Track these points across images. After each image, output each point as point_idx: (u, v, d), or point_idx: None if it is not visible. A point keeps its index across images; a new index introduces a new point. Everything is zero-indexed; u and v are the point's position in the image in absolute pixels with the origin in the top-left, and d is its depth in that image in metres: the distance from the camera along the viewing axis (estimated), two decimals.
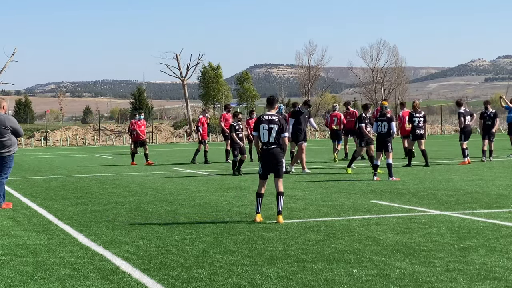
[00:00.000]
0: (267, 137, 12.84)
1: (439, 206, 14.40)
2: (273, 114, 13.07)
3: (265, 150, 12.88)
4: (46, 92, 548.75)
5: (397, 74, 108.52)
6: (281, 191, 12.75)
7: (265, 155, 12.88)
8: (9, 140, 15.89)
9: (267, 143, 12.84)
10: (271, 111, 13.15)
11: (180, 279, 8.28)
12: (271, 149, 12.83)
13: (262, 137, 12.88)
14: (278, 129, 12.82)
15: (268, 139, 12.83)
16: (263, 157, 12.91)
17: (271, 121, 12.88)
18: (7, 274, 8.74)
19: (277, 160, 12.81)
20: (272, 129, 12.82)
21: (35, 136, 74.53)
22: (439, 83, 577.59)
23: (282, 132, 12.87)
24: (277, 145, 12.84)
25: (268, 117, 12.96)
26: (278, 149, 12.85)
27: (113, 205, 15.79)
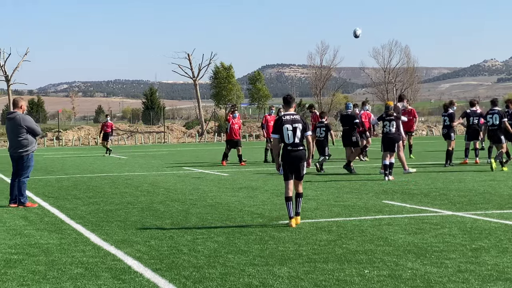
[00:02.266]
0: (292, 137, 12.32)
1: (451, 207, 14.37)
2: (294, 113, 12.59)
3: (290, 151, 12.35)
4: (58, 92, 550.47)
5: (409, 74, 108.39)
6: (300, 192, 12.48)
7: (290, 156, 12.35)
8: (26, 140, 15.98)
9: (293, 144, 12.33)
10: (289, 111, 12.63)
11: (191, 279, 8.29)
12: (297, 151, 12.35)
13: (286, 138, 12.35)
14: (302, 128, 12.39)
15: (294, 140, 12.33)
16: (287, 159, 12.36)
17: (295, 121, 12.40)
18: (20, 273, 8.77)
19: (300, 162, 12.38)
20: (297, 128, 12.35)
21: (48, 135, 74.75)
22: (451, 83, 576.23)
23: (306, 131, 12.46)
24: (303, 146, 12.43)
25: (290, 116, 12.46)
26: (304, 151, 12.43)
27: (125, 205, 15.82)
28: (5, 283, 8.28)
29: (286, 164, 12.40)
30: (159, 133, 78.69)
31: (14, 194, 16.08)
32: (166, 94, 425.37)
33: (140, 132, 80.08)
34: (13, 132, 16.05)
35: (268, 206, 15.11)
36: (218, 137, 75.85)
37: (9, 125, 16.19)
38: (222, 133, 76.89)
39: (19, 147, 16.01)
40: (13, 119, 16.03)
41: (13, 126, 16.02)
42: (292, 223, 12.19)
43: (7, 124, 16.40)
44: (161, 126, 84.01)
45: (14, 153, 16.14)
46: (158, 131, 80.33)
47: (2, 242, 11.18)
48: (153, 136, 77.48)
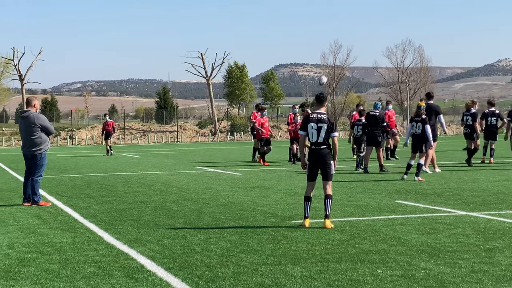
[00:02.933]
0: (315, 136, 12.28)
1: (465, 207, 14.32)
2: (322, 112, 12.46)
3: (313, 150, 12.34)
4: (72, 91, 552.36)
5: (422, 74, 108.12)
6: (329, 194, 12.30)
7: (313, 155, 12.34)
8: (39, 138, 16.03)
9: (316, 143, 12.30)
10: (320, 109, 12.53)
11: (204, 278, 8.29)
12: (319, 150, 12.30)
13: (310, 136, 12.34)
14: (327, 128, 12.27)
15: (317, 139, 12.29)
16: (311, 158, 12.37)
17: (320, 120, 12.30)
18: (33, 272, 8.80)
19: (325, 162, 12.29)
20: (321, 128, 12.25)
21: (61, 134, 75.00)
22: (465, 83, 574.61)
23: (332, 132, 12.32)
24: (326, 145, 12.32)
25: (317, 115, 12.37)
26: (327, 150, 12.32)
27: (138, 204, 15.85)
28: (18, 281, 8.31)
29: (311, 163, 12.40)
30: (172, 133, 78.80)
31: (28, 193, 16.13)
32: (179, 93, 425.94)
33: (153, 132, 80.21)
34: (26, 130, 16.10)
35: (281, 205, 15.10)
36: (231, 137, 75.88)
37: (22, 123, 16.24)
38: (235, 133, 77.00)
39: (33, 145, 16.06)
40: (27, 117, 16.08)
41: (26, 125, 16.07)
42: (305, 223, 12.11)
43: (20, 122, 16.45)
44: (174, 126, 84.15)
45: (28, 151, 16.19)
46: (171, 131, 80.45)
47: (16, 240, 11.22)
48: (166, 135, 77.59)
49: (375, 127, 24.33)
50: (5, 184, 22.11)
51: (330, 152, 12.35)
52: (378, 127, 24.30)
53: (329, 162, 12.29)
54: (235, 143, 68.10)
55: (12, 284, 8.19)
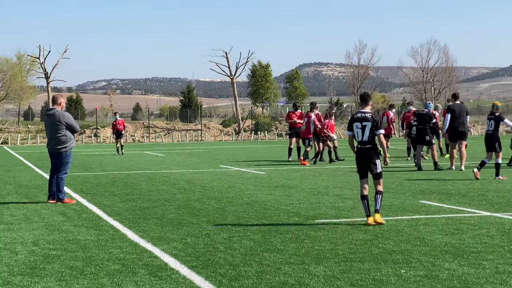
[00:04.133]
0: (361, 135, 12.47)
1: (489, 208, 14.24)
2: (367, 111, 12.61)
3: (360, 149, 12.52)
4: (96, 89, 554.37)
5: (447, 73, 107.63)
6: (380, 190, 12.42)
7: (360, 154, 12.51)
8: (65, 136, 16.14)
9: (362, 141, 12.48)
10: (365, 109, 12.70)
11: (227, 277, 8.31)
12: (365, 149, 12.45)
13: (356, 135, 12.55)
14: (372, 126, 12.42)
15: (362, 138, 12.47)
16: (357, 156, 12.55)
17: (365, 119, 12.45)
18: (58, 269, 8.86)
19: (371, 161, 12.42)
20: (366, 127, 12.42)
21: (86, 132, 75.37)
22: (491, 83, 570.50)
23: (377, 130, 12.48)
24: (371, 144, 12.45)
25: (361, 114, 12.55)
26: (372, 148, 12.46)
27: (161, 202, 15.90)
28: (43, 278, 8.37)
29: (358, 161, 12.58)
30: (196, 131, 78.93)
31: (53, 190, 16.24)
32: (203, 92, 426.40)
33: (177, 130, 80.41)
34: (52, 128, 16.21)
35: (305, 205, 15.09)
36: (255, 135, 75.89)
37: (48, 121, 16.35)
38: (259, 131, 77.01)
39: (58, 143, 16.17)
40: (52, 115, 16.19)
41: (52, 123, 16.18)
42: (369, 221, 12.18)
43: (46, 120, 16.56)
44: (198, 124, 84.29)
45: (53, 149, 16.30)
46: (195, 129, 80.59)
47: (41, 237, 11.30)
48: (190, 134, 77.74)
49: (423, 125, 24.91)
50: (31, 181, 22.26)
51: (375, 150, 12.50)
52: (426, 125, 24.84)
53: (374, 160, 12.43)
54: (259, 142, 68.13)
55: (37, 280, 8.25)
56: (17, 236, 11.44)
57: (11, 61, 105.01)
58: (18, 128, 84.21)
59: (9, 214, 14.27)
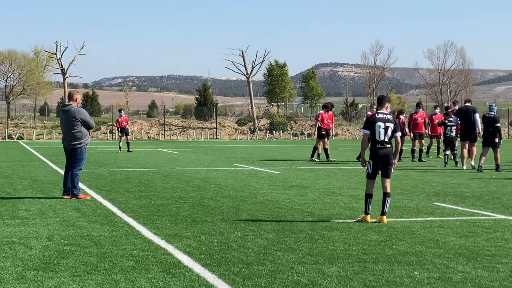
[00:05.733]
0: (383, 135, 12.68)
1: (504, 211, 14.20)
2: (387, 112, 12.96)
3: (379, 149, 12.69)
4: (112, 86, 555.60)
5: (464, 76, 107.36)
6: (388, 192, 12.64)
7: (379, 154, 12.68)
8: (80, 132, 16.20)
9: (383, 142, 12.68)
10: (383, 110, 12.99)
11: (241, 275, 8.32)
12: (385, 148, 12.71)
13: (377, 135, 12.69)
14: (393, 128, 12.75)
15: (384, 138, 12.68)
16: (376, 156, 12.68)
17: (387, 120, 12.76)
18: (72, 264, 8.89)
19: (389, 160, 12.71)
20: (388, 127, 12.70)
21: (101, 129, 75.60)
22: (507, 86, 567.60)
23: (396, 131, 12.80)
24: (390, 144, 12.78)
25: (383, 115, 12.83)
26: (391, 148, 12.78)
27: (176, 200, 15.93)
28: (57, 273, 8.40)
29: (375, 161, 12.73)
30: (211, 129, 79.03)
31: (68, 186, 16.29)
32: (219, 90, 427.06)
33: (192, 128, 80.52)
34: (67, 124, 16.27)
35: (319, 204, 15.09)
36: (270, 135, 75.90)
37: (63, 117, 16.41)
38: (274, 131, 76.98)
39: (73, 139, 16.23)
40: (68, 111, 16.25)
41: (67, 119, 16.24)
42: (368, 219, 12.51)
43: (61, 116, 16.61)
44: (213, 122, 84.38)
45: (68, 145, 16.36)
46: (210, 127, 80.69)
47: (55, 233, 11.34)
48: (205, 132, 77.86)
49: (491, 128, 25.05)
50: (46, 176, 22.36)
51: (393, 151, 12.85)
52: (494, 128, 25.01)
53: (391, 160, 12.76)
54: (274, 141, 68.13)
55: (51, 275, 8.28)
56: (31, 231, 11.49)
57: (28, 56, 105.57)
58: (34, 124, 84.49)
59: (24, 209, 14.33)
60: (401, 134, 13.02)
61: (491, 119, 25.09)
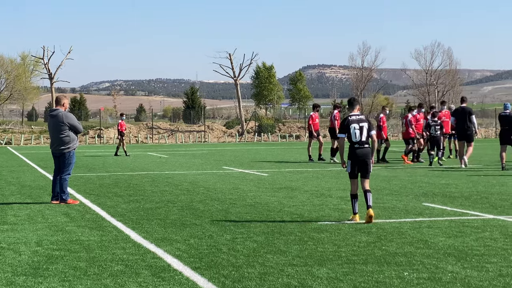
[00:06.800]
0: (359, 136, 12.95)
1: (493, 210, 14.24)
2: (359, 113, 13.24)
3: (357, 149, 12.96)
4: (100, 90, 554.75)
5: (451, 76, 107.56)
6: (368, 189, 12.93)
7: (357, 154, 12.94)
8: (68, 137, 16.16)
9: (360, 142, 12.96)
10: (354, 111, 13.25)
11: (230, 278, 8.32)
12: (363, 148, 12.97)
13: (353, 136, 12.95)
14: (368, 127, 13.03)
15: (361, 138, 12.95)
16: (354, 156, 12.95)
17: (361, 120, 13.06)
18: (61, 269, 8.87)
19: (367, 160, 12.97)
20: (363, 127, 12.98)
21: (89, 133, 75.46)
22: (494, 86, 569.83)
23: (370, 130, 13.08)
24: (368, 144, 13.06)
25: (356, 117, 13.11)
26: (369, 149, 13.06)
27: (165, 203, 15.91)
28: (47, 278, 8.38)
29: (354, 162, 12.97)
30: (200, 132, 79.00)
31: (56, 191, 16.26)
32: (207, 93, 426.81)
33: (180, 131, 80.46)
34: (55, 129, 16.23)
35: (308, 206, 15.10)
36: (258, 137, 75.92)
37: (51, 122, 16.37)
38: (262, 133, 77.01)
39: (61, 144, 16.19)
40: (56, 116, 16.21)
41: (55, 123, 16.20)
42: (356, 218, 12.79)
43: (49, 121, 16.58)
44: (202, 125, 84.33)
45: (56, 150, 16.32)
46: (199, 130, 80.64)
47: (44, 238, 11.32)
48: (194, 135, 77.82)
49: (508, 126, 25.39)
50: (34, 181, 22.29)
51: (370, 151, 13.11)
52: (510, 126, 25.35)
53: (369, 160, 13.01)
54: (262, 143, 68.13)
55: (40, 281, 8.26)
56: (20, 237, 11.46)
57: (15, 61, 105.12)
58: (22, 129, 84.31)
59: (13, 214, 14.29)
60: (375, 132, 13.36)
61: (507, 118, 25.44)
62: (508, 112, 25.50)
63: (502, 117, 25.70)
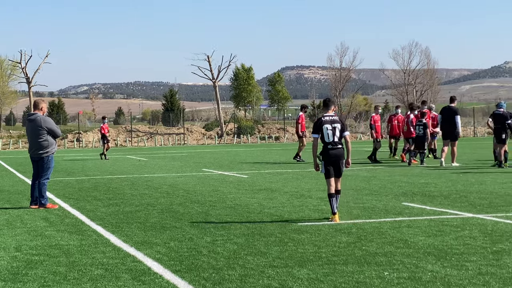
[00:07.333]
0: (331, 136, 13.05)
1: (472, 209, 14.31)
2: (332, 114, 13.31)
3: (330, 150, 13.07)
4: (78, 93, 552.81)
5: (429, 76, 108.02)
6: (339, 190, 13.17)
7: (330, 154, 13.06)
8: (46, 141, 16.07)
9: (332, 142, 13.05)
10: (328, 112, 13.33)
11: (211, 281, 8.30)
12: (336, 149, 13.08)
13: (326, 137, 13.05)
14: (341, 128, 13.10)
15: (333, 139, 13.05)
16: (327, 157, 13.08)
17: (334, 121, 13.14)
18: (41, 274, 8.82)
19: (340, 159, 13.08)
20: (336, 128, 13.07)
21: (68, 137, 75.12)
22: (472, 85, 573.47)
23: (344, 131, 13.15)
24: (341, 144, 13.14)
25: (329, 117, 13.19)
26: (342, 149, 13.16)
27: (144, 206, 15.87)
28: (26, 284, 8.33)
29: (327, 162, 13.10)
30: (179, 135, 78.86)
31: (35, 195, 16.17)
32: (185, 95, 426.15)
33: (159, 134, 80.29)
34: (33, 133, 16.14)
35: (288, 208, 15.10)
36: (238, 139, 75.89)
37: (29, 126, 16.28)
38: (242, 135, 76.98)
39: (40, 148, 16.10)
40: (34, 120, 16.12)
41: (33, 128, 16.11)
42: (336, 218, 12.85)
43: (27, 125, 16.49)
44: (181, 128, 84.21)
45: (34, 154, 16.23)
46: (178, 133, 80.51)
47: (23, 243, 11.25)
48: (173, 137, 77.67)
49: (501, 125, 25.70)
50: (13, 186, 22.16)
51: (344, 151, 13.21)
52: (503, 125, 25.63)
53: (343, 160, 13.14)
54: (242, 145, 68.11)
55: (19, 286, 8.21)
56: None
57: None
58: (0, 133, 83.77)
59: None
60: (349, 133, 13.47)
61: (501, 116, 25.71)
62: (502, 111, 25.85)
63: (496, 116, 25.97)
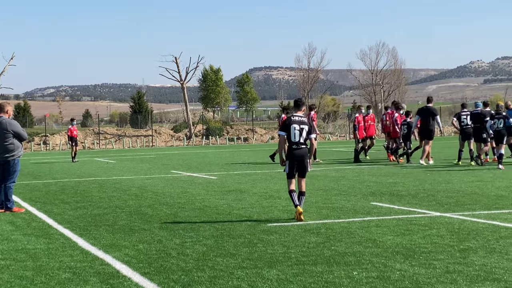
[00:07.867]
0: (298, 137, 13.23)
1: (439, 208, 14.40)
2: (302, 115, 13.49)
3: (295, 150, 13.24)
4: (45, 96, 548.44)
5: (396, 76, 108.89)
6: (303, 191, 13.39)
7: (294, 154, 13.23)
8: (12, 144, 15.93)
9: (298, 143, 13.24)
10: (298, 113, 13.50)
11: (180, 283, 8.27)
12: (300, 149, 13.25)
13: (293, 136, 13.22)
14: (308, 130, 13.28)
15: (299, 139, 13.22)
16: (292, 157, 13.24)
17: (302, 122, 13.32)
18: (7, 279, 8.73)
19: (305, 160, 13.26)
20: (303, 129, 13.26)
21: (35, 140, 74.52)
22: (438, 85, 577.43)
23: (311, 133, 13.33)
24: (305, 145, 13.30)
25: (298, 118, 13.36)
26: (306, 149, 13.32)
27: (113, 209, 15.78)
28: None
29: (291, 162, 13.28)
30: (147, 137, 78.55)
31: (1, 199, 16.01)
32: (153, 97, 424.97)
33: (128, 136, 79.94)
34: None
35: (257, 209, 15.10)
36: (206, 140, 75.79)
37: None
38: (210, 136, 76.91)
39: (5, 152, 15.95)
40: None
41: None
42: (299, 209, 13.03)
43: None
44: (149, 130, 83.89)
45: (0, 158, 16.07)
46: (146, 135, 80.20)
47: None
48: (141, 139, 77.36)
49: (480, 124, 26.05)
50: None
51: (308, 151, 13.36)
52: (482, 124, 25.95)
53: (307, 160, 13.32)
54: (210, 146, 68.04)
55: None
56: None
57: None
58: None
59: None
60: (315, 136, 13.69)
61: (478, 115, 26.10)
62: (479, 110, 26.28)
63: (473, 115, 26.32)
